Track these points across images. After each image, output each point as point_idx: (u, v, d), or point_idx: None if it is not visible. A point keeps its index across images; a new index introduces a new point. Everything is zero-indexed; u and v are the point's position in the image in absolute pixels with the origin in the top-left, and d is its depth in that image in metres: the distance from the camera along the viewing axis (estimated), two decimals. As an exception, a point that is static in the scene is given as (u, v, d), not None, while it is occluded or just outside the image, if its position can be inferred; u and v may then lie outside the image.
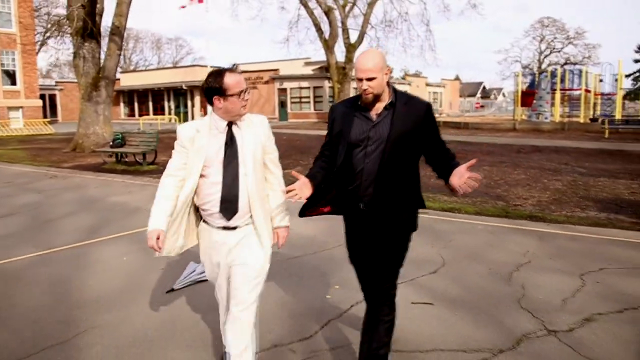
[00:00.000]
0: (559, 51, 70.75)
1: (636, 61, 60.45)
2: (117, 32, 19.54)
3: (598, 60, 64.65)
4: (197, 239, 2.95)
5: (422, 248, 5.68)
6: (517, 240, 6.08)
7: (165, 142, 16.37)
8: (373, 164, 2.74)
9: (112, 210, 8.14)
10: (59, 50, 61.43)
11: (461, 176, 2.55)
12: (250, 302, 2.77)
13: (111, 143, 14.24)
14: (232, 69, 2.75)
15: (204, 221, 2.86)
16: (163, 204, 2.77)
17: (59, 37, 54.56)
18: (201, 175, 2.77)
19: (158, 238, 2.69)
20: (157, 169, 12.84)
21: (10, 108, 35.66)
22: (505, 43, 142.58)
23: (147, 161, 13.57)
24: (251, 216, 2.80)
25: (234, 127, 2.80)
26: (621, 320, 3.79)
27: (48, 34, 55.74)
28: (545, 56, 71.44)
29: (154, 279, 4.86)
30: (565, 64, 68.36)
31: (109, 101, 19.89)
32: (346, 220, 2.96)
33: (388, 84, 2.76)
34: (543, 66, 67.74)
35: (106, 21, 21.00)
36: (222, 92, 2.70)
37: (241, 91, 2.72)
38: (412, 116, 2.73)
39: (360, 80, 2.68)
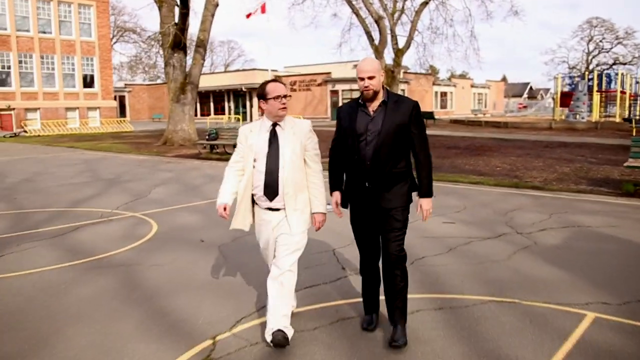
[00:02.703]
0: (607, 51, 70.76)
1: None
2: (202, 44, 23.17)
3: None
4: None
5: (453, 201, 8.67)
6: (518, 199, 8.96)
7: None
8: (371, 150, 3.30)
9: (232, 181, 11.39)
10: (123, 55, 67.12)
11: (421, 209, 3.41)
12: (287, 265, 3.34)
13: (207, 137, 17.65)
14: (274, 80, 3.39)
15: (256, 204, 3.49)
16: (225, 185, 3.52)
17: (123, 42, 60.14)
18: (253, 167, 3.40)
19: (225, 209, 3.48)
20: (245, 157, 16.11)
21: (89, 108, 40.52)
22: (554, 43, 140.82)
23: (236, 151, 16.89)
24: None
25: (277, 127, 3.36)
26: (561, 230, 6.70)
27: (114, 40, 61.27)
28: (594, 57, 71.51)
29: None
30: (614, 64, 68.58)
31: (193, 102, 23.51)
32: (353, 201, 3.51)
33: (383, 86, 3.35)
34: (591, 67, 68.06)
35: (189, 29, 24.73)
36: (264, 97, 3.31)
37: (278, 96, 3.24)
38: (401, 112, 3.31)
39: (362, 79, 3.28)
